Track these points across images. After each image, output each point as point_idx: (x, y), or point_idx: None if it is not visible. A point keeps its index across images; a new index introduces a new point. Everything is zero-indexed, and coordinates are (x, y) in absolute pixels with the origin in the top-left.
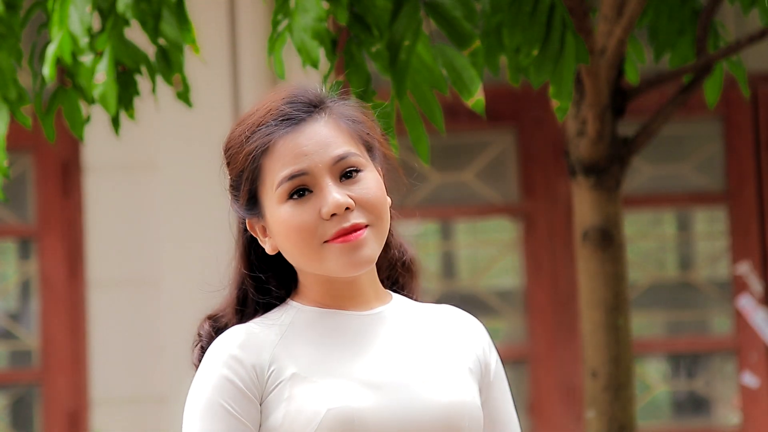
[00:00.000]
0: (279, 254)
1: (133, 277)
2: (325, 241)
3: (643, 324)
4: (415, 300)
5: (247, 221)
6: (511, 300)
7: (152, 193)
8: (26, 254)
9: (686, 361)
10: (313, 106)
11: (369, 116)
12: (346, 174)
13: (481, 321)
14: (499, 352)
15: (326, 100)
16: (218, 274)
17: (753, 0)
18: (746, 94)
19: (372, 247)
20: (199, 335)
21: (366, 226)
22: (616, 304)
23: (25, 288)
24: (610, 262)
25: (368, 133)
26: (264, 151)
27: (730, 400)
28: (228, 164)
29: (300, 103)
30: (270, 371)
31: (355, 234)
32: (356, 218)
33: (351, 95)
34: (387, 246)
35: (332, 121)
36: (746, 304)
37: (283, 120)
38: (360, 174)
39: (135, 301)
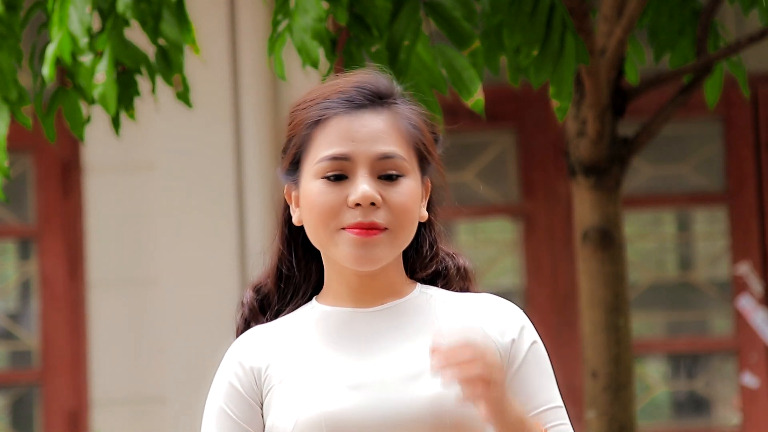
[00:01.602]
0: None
1: (133, 277)
2: (342, 228)
3: (643, 324)
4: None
5: (285, 187)
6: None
7: (152, 193)
8: (26, 254)
9: (686, 362)
10: (380, 98)
11: (432, 129)
12: (387, 175)
13: None
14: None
15: (395, 98)
16: (218, 274)
17: (753, 0)
18: (746, 94)
19: (384, 250)
20: (242, 304)
21: (385, 229)
22: (616, 305)
23: (25, 288)
24: (610, 263)
25: (424, 143)
26: (317, 122)
27: (730, 400)
28: (288, 126)
29: (368, 90)
30: (265, 375)
31: (370, 231)
32: (378, 218)
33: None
34: (418, 253)
35: (392, 119)
36: (746, 304)
37: (346, 100)
38: (399, 179)
39: (135, 301)
